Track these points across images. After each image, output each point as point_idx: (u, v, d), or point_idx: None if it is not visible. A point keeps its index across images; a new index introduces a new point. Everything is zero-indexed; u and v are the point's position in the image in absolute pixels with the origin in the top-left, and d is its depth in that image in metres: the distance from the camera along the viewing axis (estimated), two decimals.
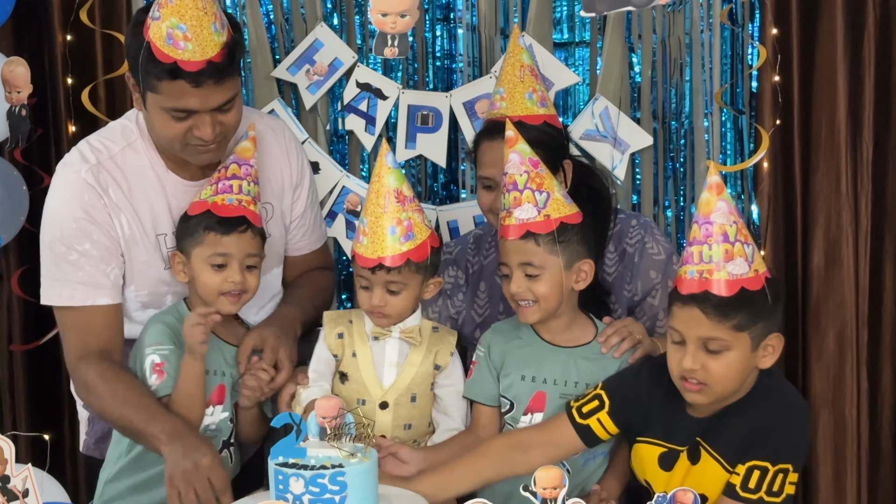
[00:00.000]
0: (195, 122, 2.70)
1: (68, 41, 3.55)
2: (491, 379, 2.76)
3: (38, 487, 2.21)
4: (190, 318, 2.70)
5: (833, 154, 3.46)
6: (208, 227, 2.73)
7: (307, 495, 2.36)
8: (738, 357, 2.45)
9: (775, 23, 3.43)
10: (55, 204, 2.82)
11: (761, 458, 2.46)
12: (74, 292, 2.79)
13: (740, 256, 2.41)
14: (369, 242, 2.65)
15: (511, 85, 2.95)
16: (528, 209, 2.62)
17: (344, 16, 3.65)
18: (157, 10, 2.63)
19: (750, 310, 2.42)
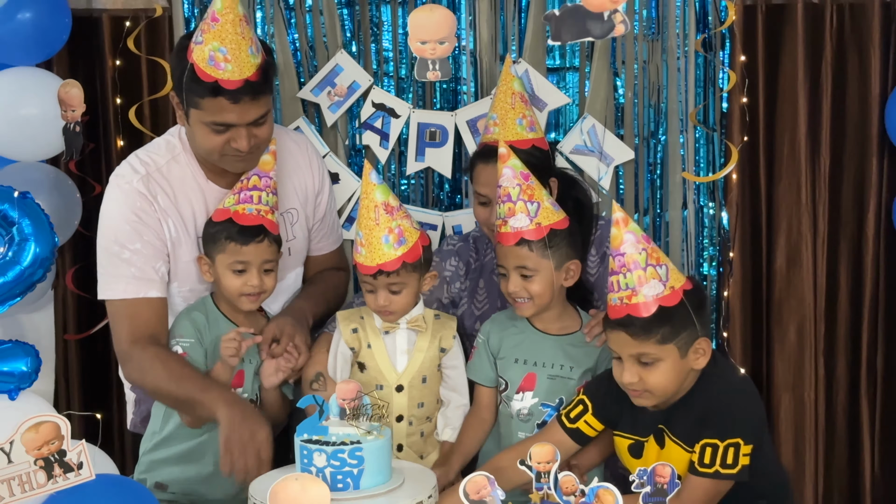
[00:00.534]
0: (232, 135, 2.72)
1: (117, 65, 3.57)
2: (489, 363, 2.79)
3: (91, 460, 2.23)
4: (229, 333, 2.73)
5: (794, 168, 3.46)
6: (229, 236, 2.75)
7: (329, 468, 2.37)
8: (669, 365, 2.48)
9: (743, 51, 3.44)
10: (110, 209, 2.84)
11: (711, 437, 2.48)
12: (127, 286, 2.81)
13: (654, 279, 2.44)
14: (367, 252, 2.67)
15: (503, 111, 2.96)
16: (522, 218, 2.64)
17: (361, 43, 3.65)
18: (200, 35, 2.66)
19: (671, 324, 2.45)
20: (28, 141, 3.35)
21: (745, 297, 3.56)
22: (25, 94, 3.31)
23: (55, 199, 3.40)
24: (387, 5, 3.63)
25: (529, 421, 2.77)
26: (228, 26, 2.65)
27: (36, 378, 2.26)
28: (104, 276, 2.86)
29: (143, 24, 3.54)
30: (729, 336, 3.55)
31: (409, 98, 3.64)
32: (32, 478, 2.18)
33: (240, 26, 2.67)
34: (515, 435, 2.78)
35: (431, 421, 2.84)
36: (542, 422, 2.75)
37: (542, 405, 2.75)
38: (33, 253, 2.22)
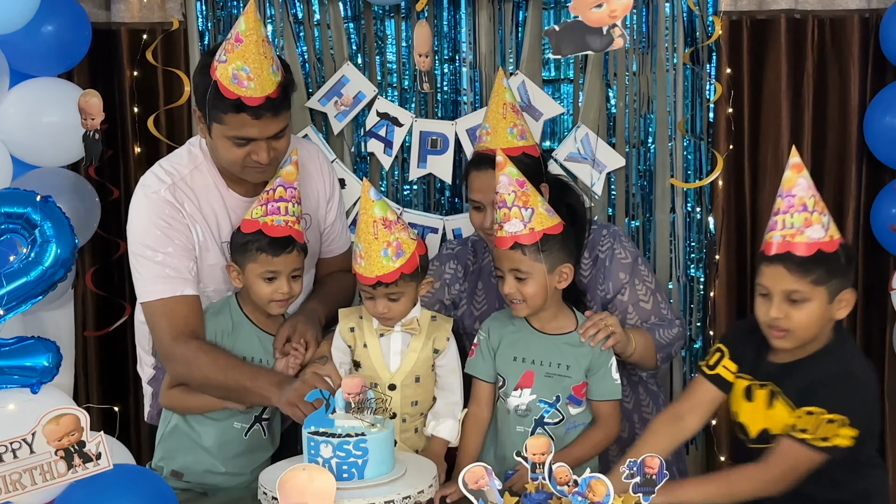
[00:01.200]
0: (253, 148, 2.74)
1: (135, 76, 3.58)
2: (489, 360, 2.78)
3: (108, 451, 2.23)
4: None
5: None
6: (260, 248, 2.75)
7: (335, 459, 2.37)
8: (816, 307, 2.45)
9: (729, 64, 3.44)
10: (139, 217, 2.85)
11: (818, 404, 2.43)
12: (163, 287, 2.81)
13: (818, 224, 2.43)
14: (366, 265, 2.67)
15: (495, 121, 2.95)
16: (516, 223, 2.64)
17: (366, 56, 3.66)
18: (224, 54, 2.67)
19: (826, 267, 2.43)
20: (50, 147, 3.35)
21: (730, 298, 3.56)
22: (47, 103, 3.32)
23: (75, 202, 3.40)
24: (391, 20, 3.63)
25: (527, 416, 2.75)
26: (252, 47, 2.66)
27: (57, 373, 2.26)
28: (140, 281, 2.86)
29: (160, 36, 3.54)
30: (715, 334, 3.55)
31: (411, 108, 3.65)
32: (53, 467, 2.18)
33: (262, 46, 2.69)
34: (513, 430, 2.76)
35: (424, 416, 2.84)
36: (539, 417, 2.73)
37: (540, 401, 2.74)
38: (55, 254, 2.22)
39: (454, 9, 3.62)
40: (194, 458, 2.88)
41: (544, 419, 2.74)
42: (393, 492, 2.38)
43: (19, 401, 2.22)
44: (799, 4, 3.41)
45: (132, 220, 2.86)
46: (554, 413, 2.73)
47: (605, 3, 2.32)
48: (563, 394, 2.73)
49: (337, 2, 3.62)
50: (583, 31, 2.36)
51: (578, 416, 2.75)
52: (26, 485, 2.17)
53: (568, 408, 2.73)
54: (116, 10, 3.55)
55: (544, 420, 2.74)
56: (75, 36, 3.38)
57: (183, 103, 3.56)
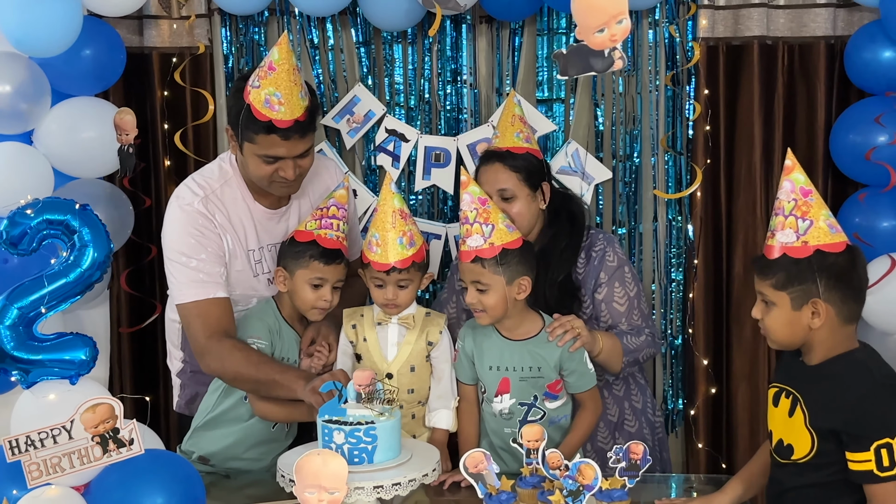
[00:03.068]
0: (281, 166, 2.76)
1: (165, 96, 3.58)
2: (468, 364, 2.78)
3: (140, 437, 2.23)
4: None
5: (750, 187, 3.46)
6: (313, 256, 2.78)
7: (346, 444, 2.37)
8: (779, 312, 2.27)
9: (707, 86, 3.44)
10: (174, 227, 2.85)
11: (884, 436, 2.16)
12: (197, 290, 2.81)
13: (790, 228, 2.23)
14: (382, 252, 2.69)
15: (504, 127, 3.00)
16: (477, 238, 2.64)
17: (376, 77, 3.66)
18: (257, 80, 2.69)
19: (787, 273, 2.23)
20: (88, 161, 3.35)
21: (708, 298, 3.55)
22: (86, 120, 3.31)
23: (111, 210, 3.40)
24: (398, 44, 3.63)
25: (511, 419, 2.74)
26: (283, 74, 2.69)
27: (93, 366, 2.26)
28: (175, 285, 2.86)
29: (188, 60, 3.54)
30: (694, 331, 3.55)
31: (417, 125, 3.65)
32: (90, 452, 2.18)
33: (293, 74, 2.71)
34: (502, 430, 2.75)
35: (422, 405, 2.84)
36: (522, 418, 2.72)
37: (520, 404, 2.73)
38: (92, 257, 2.22)
39: (456, 35, 3.61)
40: (222, 446, 2.89)
41: (527, 419, 2.73)
42: (399, 475, 2.38)
43: (59, 391, 2.22)
44: (770, 31, 3.40)
45: (167, 228, 2.86)
46: (535, 411, 2.73)
47: (607, 28, 2.31)
48: (540, 392, 2.72)
49: (349, 28, 3.62)
50: (587, 54, 2.36)
51: (558, 410, 2.75)
52: (66, 468, 2.17)
53: (546, 404, 2.73)
54: (149, 35, 3.55)
55: (527, 420, 2.73)
56: (111, 59, 3.39)
57: (208, 120, 3.56)
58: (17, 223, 2.19)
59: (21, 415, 2.23)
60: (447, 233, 3.64)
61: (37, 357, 2.21)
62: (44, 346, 2.22)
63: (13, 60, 3.16)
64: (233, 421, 2.88)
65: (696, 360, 3.55)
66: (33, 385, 2.23)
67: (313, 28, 3.63)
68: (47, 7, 3.03)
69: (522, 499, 2.35)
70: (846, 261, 2.25)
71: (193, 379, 2.99)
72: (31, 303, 2.20)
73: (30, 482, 2.17)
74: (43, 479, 2.17)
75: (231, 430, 2.88)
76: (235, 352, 2.76)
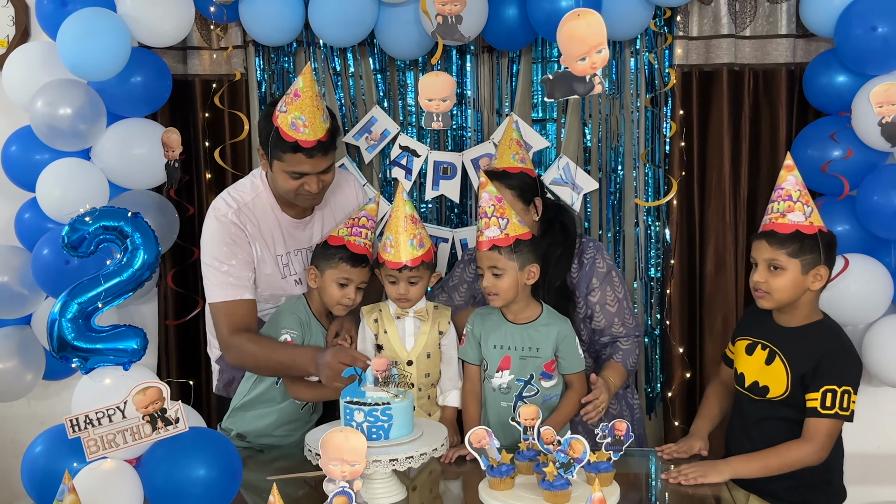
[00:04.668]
0: (306, 181, 2.77)
1: (206, 117, 3.58)
2: (475, 345, 2.78)
3: (185, 416, 2.23)
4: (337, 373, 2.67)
5: (720, 196, 3.46)
6: (342, 258, 2.79)
7: (365, 423, 2.38)
8: (791, 276, 2.50)
9: (682, 107, 3.43)
10: (211, 235, 2.86)
11: (830, 383, 2.45)
12: (227, 291, 2.82)
13: (799, 211, 2.49)
14: (395, 252, 2.70)
15: (502, 150, 3.00)
16: (494, 230, 2.65)
17: (391, 100, 3.66)
18: (285, 106, 2.71)
19: (801, 244, 2.48)
20: (139, 174, 3.36)
21: (683, 294, 3.55)
22: (137, 139, 3.33)
23: (159, 218, 3.41)
24: (410, 71, 3.64)
25: (508, 393, 2.74)
26: (307, 101, 2.69)
27: (144, 354, 2.26)
28: (208, 286, 2.87)
29: (226, 85, 3.55)
30: (670, 323, 3.55)
31: (427, 142, 3.65)
32: (141, 429, 2.18)
33: (316, 100, 2.72)
34: (498, 404, 2.75)
35: (435, 387, 2.85)
36: (518, 393, 2.73)
37: (518, 380, 2.73)
38: (142, 259, 2.23)
39: (462, 62, 3.62)
40: (257, 425, 2.89)
41: (523, 394, 2.73)
42: (412, 449, 2.38)
43: (114, 376, 2.23)
44: (738, 59, 3.40)
45: (204, 236, 2.87)
46: (529, 388, 2.73)
47: (588, 57, 2.34)
48: (536, 372, 2.72)
49: (367, 57, 3.63)
50: (570, 80, 2.38)
51: (551, 389, 2.75)
52: (119, 444, 2.18)
53: (541, 382, 2.73)
54: (192, 64, 3.56)
55: (523, 395, 2.73)
56: (159, 85, 3.40)
57: (244, 139, 3.56)
58: (77, 229, 2.20)
59: (80, 397, 2.23)
60: (454, 237, 3.64)
61: (94, 346, 2.21)
62: (100, 336, 2.22)
63: (74, 87, 3.18)
64: (266, 403, 2.89)
65: (673, 349, 3.55)
66: (91, 371, 2.23)
67: (336, 57, 3.63)
68: (98, 37, 3.05)
69: (520, 470, 2.35)
70: (833, 241, 2.56)
71: (230, 365, 3.00)
72: (89, 299, 2.20)
73: (88, 456, 2.17)
74: (100, 453, 2.17)
75: (265, 412, 2.89)
76: (251, 343, 2.78)
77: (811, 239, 2.48)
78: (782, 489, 2.54)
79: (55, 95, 3.15)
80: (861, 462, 3.60)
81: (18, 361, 3.45)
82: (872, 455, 3.60)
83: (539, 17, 3.12)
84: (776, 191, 2.53)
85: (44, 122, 3.17)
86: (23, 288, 3.37)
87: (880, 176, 3.14)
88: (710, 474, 2.48)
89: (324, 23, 3.29)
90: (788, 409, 2.52)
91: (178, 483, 2.19)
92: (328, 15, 3.26)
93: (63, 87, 3.17)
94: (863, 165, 3.16)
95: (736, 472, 2.50)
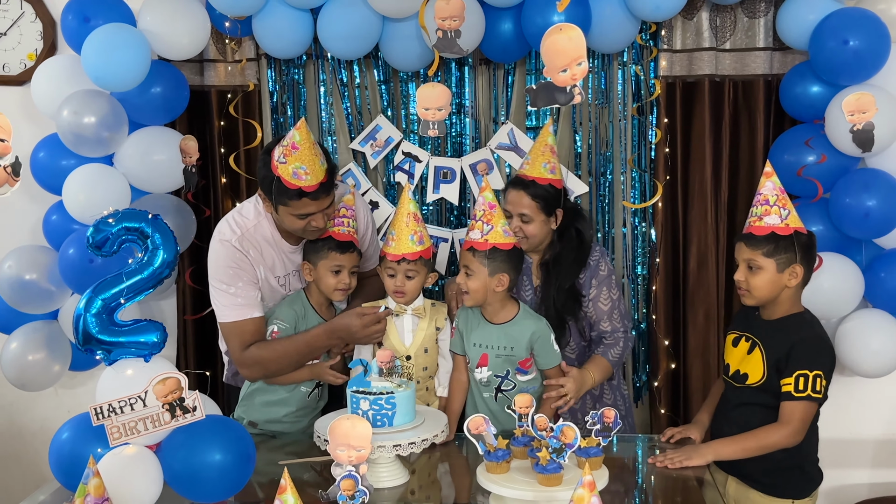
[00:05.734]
0: (312, 218, 2.78)
1: (221, 125, 3.58)
2: (462, 340, 2.79)
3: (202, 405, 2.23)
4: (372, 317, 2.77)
5: (702, 198, 3.45)
6: (331, 248, 2.81)
7: (371, 411, 2.39)
8: (768, 274, 2.53)
9: (666, 115, 3.43)
10: (216, 260, 2.86)
11: (804, 368, 2.47)
12: (236, 312, 2.83)
13: (775, 214, 2.52)
14: (396, 245, 2.71)
15: (535, 155, 2.96)
16: (476, 233, 2.68)
17: (394, 109, 3.66)
18: (284, 157, 2.70)
19: (776, 245, 2.51)
20: (158, 179, 3.36)
21: (668, 290, 3.55)
22: (157, 146, 3.32)
23: (177, 219, 3.41)
24: (413, 83, 3.64)
25: (489, 386, 2.77)
26: (305, 151, 2.69)
27: (163, 346, 2.26)
28: (218, 306, 2.87)
29: (240, 95, 3.54)
30: (656, 317, 3.54)
31: (428, 148, 3.65)
32: (160, 417, 2.18)
33: (313, 149, 2.71)
34: (482, 395, 2.78)
35: (433, 379, 2.85)
36: (498, 386, 2.75)
37: (495, 376, 2.76)
38: (162, 258, 2.23)
39: (460, 74, 3.61)
40: (268, 411, 2.89)
41: (501, 388, 2.74)
42: (414, 436, 2.39)
43: (135, 368, 2.23)
44: (718, 70, 3.40)
45: (211, 260, 2.87)
46: (507, 382, 2.74)
47: (569, 69, 2.36)
48: (512, 367, 2.74)
49: (372, 69, 3.62)
50: (552, 90, 2.40)
51: (528, 383, 2.76)
52: (141, 430, 2.18)
53: (517, 377, 2.74)
54: (208, 76, 3.56)
55: (501, 388, 2.74)
56: (177, 95, 3.40)
57: (256, 145, 3.56)
58: (101, 230, 2.20)
59: (104, 387, 2.23)
60: (453, 237, 3.64)
61: (117, 339, 2.21)
62: (123, 330, 2.22)
63: (98, 97, 3.18)
64: (272, 389, 2.89)
65: (659, 341, 3.54)
66: (114, 362, 2.23)
67: (342, 69, 3.63)
68: (122, 52, 3.05)
69: (516, 455, 2.35)
70: (810, 240, 2.58)
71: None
72: (112, 295, 2.20)
73: (111, 442, 2.17)
74: (122, 439, 2.17)
75: (272, 399, 2.89)
76: (262, 351, 2.81)
77: (786, 240, 2.50)
78: (758, 472, 2.55)
79: (80, 105, 3.15)
80: (835, 446, 3.61)
81: (46, 354, 3.45)
82: (846, 440, 3.61)
83: (532, 31, 3.12)
84: (756, 196, 2.57)
85: (70, 130, 3.17)
86: (50, 285, 3.37)
87: (852, 180, 3.14)
88: (693, 458, 2.49)
89: (331, 37, 3.29)
90: (765, 395, 2.54)
91: (196, 467, 2.19)
92: (335, 30, 3.26)
93: (87, 97, 3.17)
94: (835, 170, 3.16)
95: (717, 454, 2.51)
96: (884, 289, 3.15)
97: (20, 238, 3.61)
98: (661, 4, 3.09)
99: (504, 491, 2.20)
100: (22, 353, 3.42)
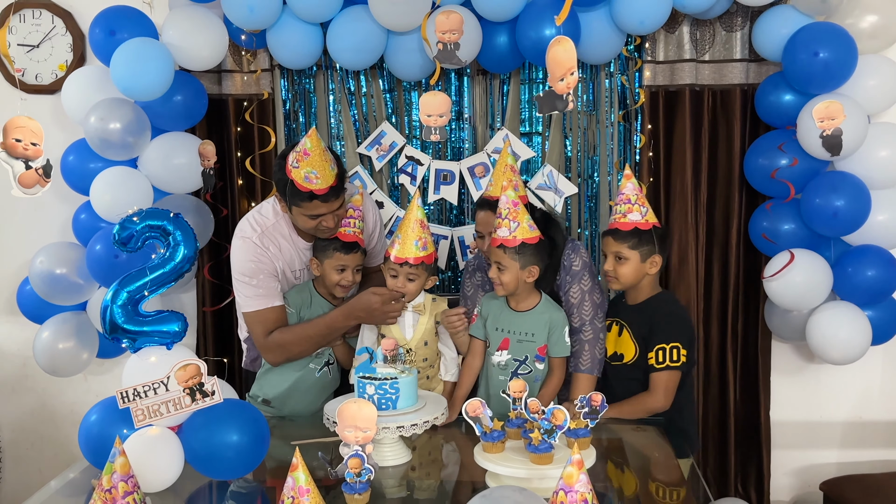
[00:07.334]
0: (323, 219, 2.78)
1: (238, 131, 3.57)
2: (483, 325, 2.78)
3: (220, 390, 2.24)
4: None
5: (683, 199, 3.45)
6: (336, 248, 2.82)
7: (376, 395, 2.39)
8: (632, 264, 2.75)
9: (650, 121, 3.43)
10: (238, 255, 2.87)
11: (660, 342, 2.68)
12: (259, 301, 2.84)
13: (637, 211, 2.72)
14: (401, 248, 2.70)
15: (497, 175, 2.91)
16: (504, 231, 2.65)
17: (398, 116, 3.66)
18: (297, 162, 2.71)
19: (639, 238, 2.72)
20: (179, 181, 3.36)
21: None
22: (177, 150, 3.32)
23: (197, 218, 3.41)
24: (415, 91, 3.64)
25: (506, 370, 2.76)
26: (316, 157, 2.70)
27: (184, 335, 2.27)
28: (241, 298, 2.88)
29: (255, 103, 3.54)
30: None
31: (429, 152, 3.65)
32: (181, 401, 2.19)
33: (323, 154, 2.72)
34: (497, 378, 2.77)
35: (433, 368, 2.85)
36: (514, 370, 2.74)
37: (514, 360, 2.75)
38: (183, 253, 2.23)
39: (459, 83, 3.62)
40: (280, 390, 2.90)
41: (518, 371, 2.73)
42: (416, 418, 2.39)
43: (158, 355, 2.23)
44: (698, 80, 3.40)
45: (233, 255, 2.88)
46: (524, 367, 2.73)
47: (565, 79, 2.39)
48: (531, 354, 2.73)
49: (378, 78, 3.62)
50: (554, 97, 2.45)
51: (544, 370, 2.75)
52: (163, 413, 2.18)
53: (535, 363, 2.73)
54: (225, 85, 3.56)
55: (518, 372, 2.73)
56: (197, 103, 3.39)
57: (270, 150, 3.56)
58: (126, 227, 2.20)
59: (129, 373, 2.24)
60: (452, 234, 3.64)
61: (141, 329, 2.22)
62: (147, 320, 2.23)
63: (122, 105, 3.18)
64: (287, 369, 2.90)
65: None
66: (139, 350, 2.24)
67: (350, 79, 3.63)
68: (147, 63, 3.05)
69: (510, 436, 2.35)
70: (665, 233, 2.82)
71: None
72: (136, 288, 2.21)
73: (136, 424, 2.18)
74: (146, 421, 2.18)
75: (286, 377, 2.89)
76: (285, 336, 2.82)
77: (647, 234, 2.69)
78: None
79: (106, 112, 3.15)
80: (806, 429, 3.62)
81: (76, 342, 3.45)
82: (816, 422, 3.61)
83: (526, 44, 3.12)
84: (619, 195, 2.75)
85: (97, 135, 3.17)
86: (79, 278, 3.37)
87: (821, 182, 3.14)
88: None
89: (340, 49, 3.28)
90: (637, 371, 2.74)
91: (215, 447, 2.20)
92: (344, 42, 3.25)
93: (113, 104, 3.17)
94: (806, 172, 3.16)
95: (608, 416, 2.61)
96: (851, 282, 3.16)
97: (51, 235, 3.63)
98: (645, 19, 3.09)
99: (499, 469, 2.20)
100: (53, 341, 3.42)
